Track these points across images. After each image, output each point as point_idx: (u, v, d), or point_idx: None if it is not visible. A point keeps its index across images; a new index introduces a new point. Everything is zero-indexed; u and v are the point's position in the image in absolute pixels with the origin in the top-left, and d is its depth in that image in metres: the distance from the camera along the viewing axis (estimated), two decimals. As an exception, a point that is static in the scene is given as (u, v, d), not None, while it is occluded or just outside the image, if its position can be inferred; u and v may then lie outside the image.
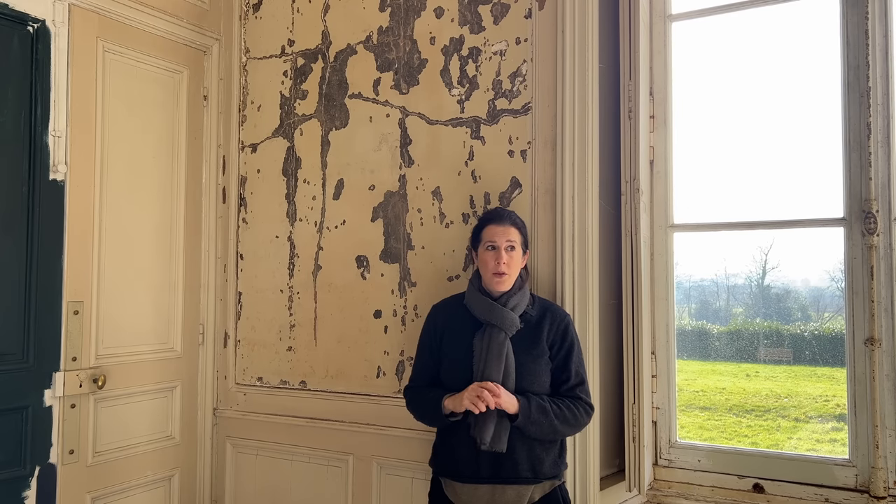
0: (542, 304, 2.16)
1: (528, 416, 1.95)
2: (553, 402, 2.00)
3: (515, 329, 2.05)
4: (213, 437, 3.04)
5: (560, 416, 1.99)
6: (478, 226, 2.17)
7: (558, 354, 2.07)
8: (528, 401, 1.97)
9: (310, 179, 2.90)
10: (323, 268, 2.85)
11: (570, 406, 2.02)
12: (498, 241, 2.08)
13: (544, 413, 1.97)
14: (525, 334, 2.07)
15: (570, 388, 2.05)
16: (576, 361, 2.08)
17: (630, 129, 2.48)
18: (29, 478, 2.39)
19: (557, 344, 2.08)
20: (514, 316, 2.05)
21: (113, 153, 2.68)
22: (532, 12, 2.46)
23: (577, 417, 2.02)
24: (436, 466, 2.15)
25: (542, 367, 2.05)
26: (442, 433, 2.15)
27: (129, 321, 2.74)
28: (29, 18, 2.41)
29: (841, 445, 2.32)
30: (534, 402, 1.98)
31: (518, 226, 2.14)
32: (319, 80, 2.90)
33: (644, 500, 2.40)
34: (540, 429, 1.97)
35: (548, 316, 2.11)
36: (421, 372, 2.23)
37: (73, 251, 2.52)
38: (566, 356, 2.07)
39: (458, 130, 2.59)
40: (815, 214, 2.31)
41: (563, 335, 2.09)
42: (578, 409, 2.03)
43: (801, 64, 2.43)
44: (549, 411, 1.97)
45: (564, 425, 2.00)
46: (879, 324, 2.14)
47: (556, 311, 2.15)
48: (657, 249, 2.52)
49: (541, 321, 2.10)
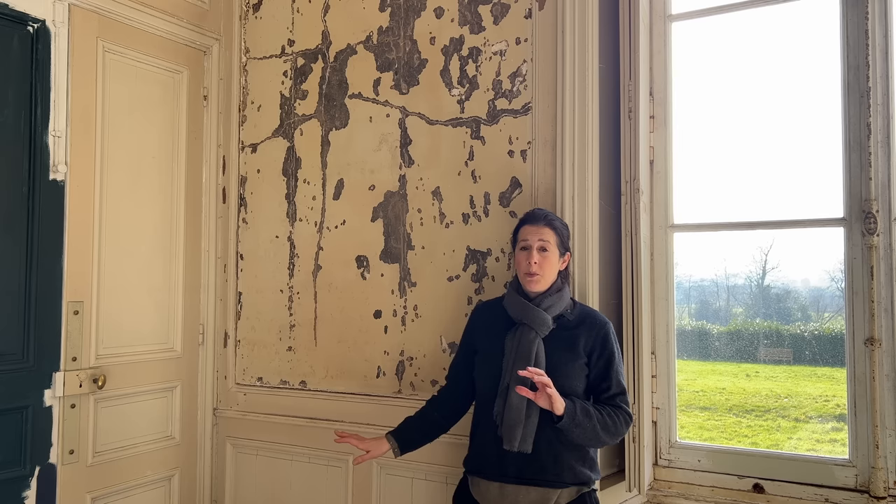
0: (582, 309, 2.13)
1: (573, 418, 1.90)
2: (595, 407, 1.97)
3: (547, 329, 2.02)
4: (213, 437, 3.04)
5: (602, 423, 1.94)
6: (515, 227, 2.17)
7: (598, 362, 2.02)
8: (573, 402, 1.92)
9: (310, 179, 2.90)
10: (323, 268, 2.85)
11: (612, 414, 1.97)
12: (531, 240, 2.07)
13: (588, 417, 1.92)
14: (560, 336, 2.04)
15: (611, 396, 2.01)
16: (616, 370, 2.03)
17: (630, 129, 2.48)
18: (29, 478, 2.39)
19: (597, 352, 2.03)
20: (547, 316, 2.02)
21: (113, 153, 2.68)
22: (532, 12, 2.46)
23: (618, 426, 1.97)
24: (466, 464, 2.15)
25: (576, 371, 2.01)
26: (472, 431, 2.16)
27: (129, 321, 2.74)
28: (29, 18, 2.41)
29: (841, 445, 2.32)
30: (578, 404, 1.93)
31: (554, 227, 2.09)
32: (319, 80, 2.90)
33: (644, 501, 2.40)
34: (584, 432, 1.93)
35: (587, 322, 2.06)
36: (452, 368, 2.29)
37: (73, 251, 2.52)
38: (607, 364, 2.02)
39: (458, 130, 2.59)
40: (815, 214, 2.31)
41: (604, 343, 2.04)
42: (619, 418, 1.98)
43: (801, 64, 2.42)
44: (592, 415, 1.93)
45: (605, 433, 1.95)
46: (879, 324, 2.14)
47: (597, 317, 2.10)
48: (657, 249, 2.51)
49: (579, 326, 2.05)
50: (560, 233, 2.10)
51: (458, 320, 2.52)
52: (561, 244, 2.10)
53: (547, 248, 2.06)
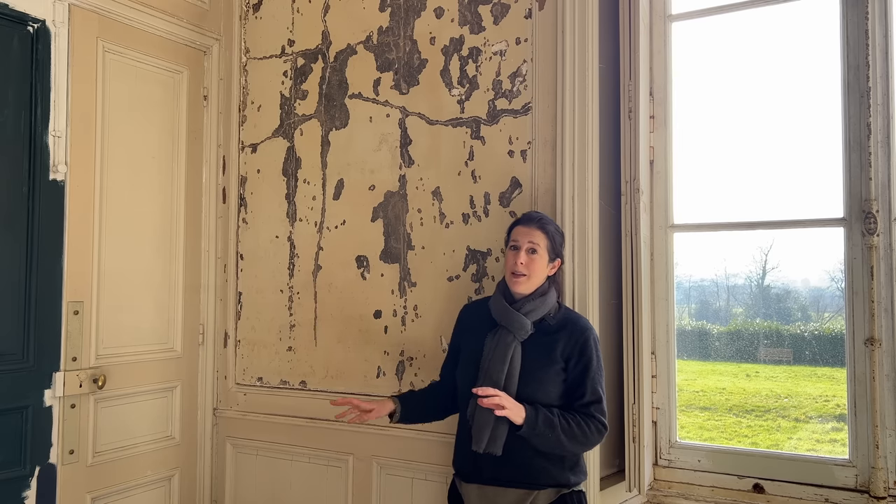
0: (566, 315, 2.09)
1: (533, 428, 1.91)
2: (563, 417, 1.94)
3: (525, 333, 2.01)
4: (213, 437, 3.04)
5: (568, 432, 1.92)
6: (510, 226, 2.16)
7: (575, 369, 1.99)
8: (535, 412, 1.92)
9: (310, 179, 2.90)
10: (323, 268, 2.85)
11: (581, 423, 1.94)
12: (521, 241, 2.06)
13: (551, 426, 1.91)
14: (539, 341, 2.02)
15: (585, 404, 1.97)
16: (593, 378, 1.99)
17: (630, 129, 2.48)
18: (29, 478, 2.39)
19: (574, 358, 2.00)
20: (525, 320, 2.01)
21: (113, 153, 2.68)
22: (532, 12, 2.46)
23: (587, 435, 1.95)
24: (453, 464, 2.17)
25: (551, 376, 1.99)
26: (457, 431, 2.16)
27: (129, 321, 2.74)
28: (29, 18, 2.41)
29: (841, 445, 2.32)
30: (541, 413, 1.92)
31: (547, 231, 2.07)
32: (319, 80, 2.90)
33: (644, 501, 2.40)
34: (545, 441, 1.93)
35: (568, 327, 2.03)
36: (442, 367, 2.30)
37: (73, 251, 2.52)
38: (583, 371, 1.99)
39: (458, 130, 2.59)
40: (815, 214, 2.31)
41: (582, 349, 2.00)
42: (589, 427, 1.95)
43: (801, 64, 2.43)
44: (556, 425, 1.91)
45: (572, 441, 1.93)
46: (879, 324, 2.14)
47: (579, 323, 2.06)
48: (657, 249, 2.51)
49: (559, 331, 2.03)
50: (552, 238, 2.08)
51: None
52: (552, 249, 2.07)
53: (536, 251, 2.05)
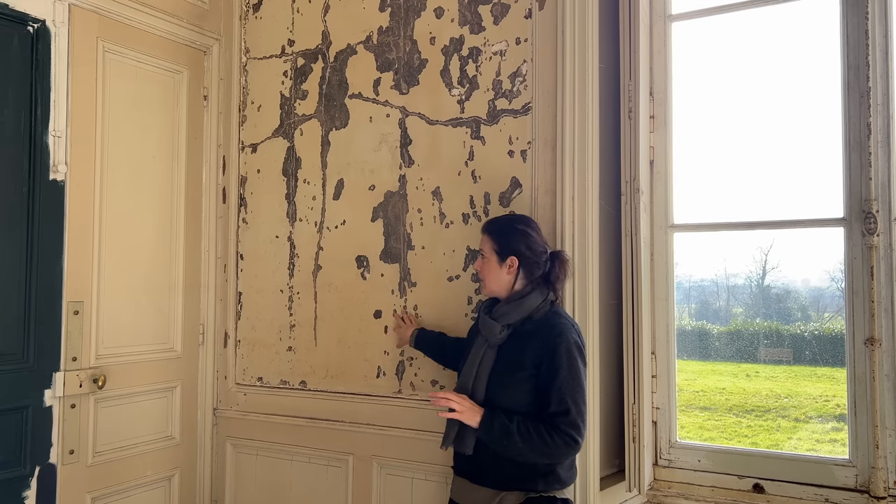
0: (548, 319, 2.00)
1: (487, 433, 1.92)
2: (524, 424, 1.87)
3: (496, 337, 2.02)
4: (213, 437, 3.04)
5: (528, 440, 1.86)
6: None
7: (544, 376, 1.92)
8: (491, 418, 1.91)
9: (310, 179, 2.90)
10: (323, 268, 2.85)
11: (545, 433, 1.86)
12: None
13: (507, 434, 1.87)
14: (512, 346, 2.00)
15: (551, 414, 1.89)
16: (560, 387, 1.88)
17: (630, 129, 2.48)
18: (29, 478, 2.39)
19: (545, 364, 1.92)
20: (495, 325, 2.01)
21: (113, 153, 2.68)
22: (532, 12, 2.46)
23: (550, 446, 1.86)
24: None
25: (517, 382, 1.94)
26: None
27: (129, 321, 2.74)
28: (29, 18, 2.41)
29: (841, 445, 2.32)
30: (498, 420, 1.90)
31: (489, 232, 2.10)
32: (319, 80, 2.90)
33: (644, 501, 2.40)
34: (502, 447, 1.90)
35: (541, 332, 1.96)
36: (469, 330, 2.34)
37: (73, 251, 2.52)
38: (549, 379, 1.90)
39: (458, 130, 2.59)
40: (815, 214, 2.31)
41: (551, 356, 1.91)
42: (553, 438, 1.85)
43: (801, 64, 2.43)
44: (512, 432, 1.86)
45: (533, 452, 1.87)
46: (879, 324, 2.14)
47: (553, 328, 1.96)
48: (657, 249, 2.51)
49: (532, 336, 1.97)
50: (496, 238, 2.07)
51: (458, 320, 2.52)
52: (497, 251, 2.06)
53: (484, 255, 2.11)
